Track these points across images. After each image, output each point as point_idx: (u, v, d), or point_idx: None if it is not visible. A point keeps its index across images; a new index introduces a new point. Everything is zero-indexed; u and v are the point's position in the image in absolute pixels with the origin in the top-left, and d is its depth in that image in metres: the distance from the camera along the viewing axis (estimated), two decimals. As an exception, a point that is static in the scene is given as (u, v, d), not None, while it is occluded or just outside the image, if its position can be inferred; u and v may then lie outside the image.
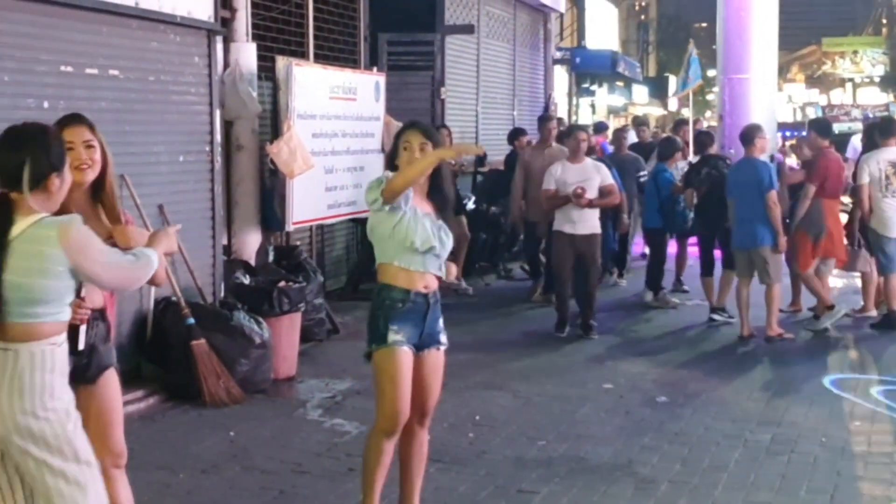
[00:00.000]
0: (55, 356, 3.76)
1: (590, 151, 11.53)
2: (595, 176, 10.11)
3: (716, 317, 10.90)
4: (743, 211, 10.06)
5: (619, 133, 15.36)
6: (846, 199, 11.49)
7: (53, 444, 3.74)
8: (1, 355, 3.71)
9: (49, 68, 7.18)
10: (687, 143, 15.48)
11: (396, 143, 5.12)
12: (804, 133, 14.59)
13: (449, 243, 5.09)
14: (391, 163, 5.14)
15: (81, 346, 4.33)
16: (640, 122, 19.44)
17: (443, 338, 5.18)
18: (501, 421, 7.48)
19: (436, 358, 5.16)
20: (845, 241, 10.87)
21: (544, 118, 13.21)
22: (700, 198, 11.18)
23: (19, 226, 3.70)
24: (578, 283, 10.25)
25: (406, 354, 4.98)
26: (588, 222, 10.05)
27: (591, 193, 9.99)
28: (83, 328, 4.34)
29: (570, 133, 10.73)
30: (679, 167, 12.49)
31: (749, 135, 10.28)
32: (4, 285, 3.67)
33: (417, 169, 4.89)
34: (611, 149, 15.29)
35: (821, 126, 11.38)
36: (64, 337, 3.83)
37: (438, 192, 5.13)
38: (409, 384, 5.00)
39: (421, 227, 4.96)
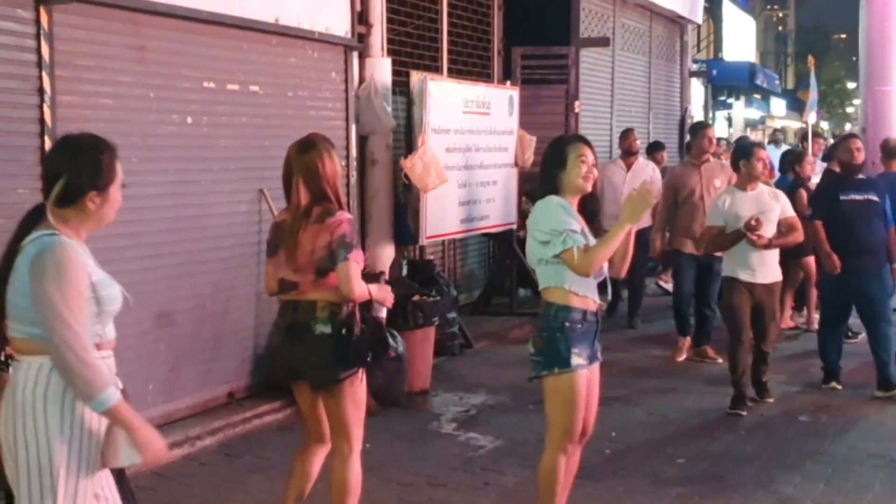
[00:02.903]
0: (52, 373, 3.45)
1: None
2: (774, 206, 8.00)
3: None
4: None
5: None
6: None
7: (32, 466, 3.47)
8: (14, 366, 3.55)
9: (192, 84, 7.36)
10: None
11: (563, 155, 5.03)
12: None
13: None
14: (552, 178, 5.05)
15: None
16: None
17: (600, 352, 5.22)
18: (638, 437, 7.38)
19: (596, 373, 5.20)
20: None
21: (700, 126, 10.76)
22: None
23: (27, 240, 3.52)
24: (756, 332, 8.13)
25: (585, 378, 5.01)
26: (769, 266, 7.97)
27: (770, 230, 7.91)
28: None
29: (746, 152, 8.32)
30: None
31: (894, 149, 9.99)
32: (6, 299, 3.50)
33: (612, 244, 4.88)
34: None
35: None
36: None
37: (591, 201, 5.12)
38: (583, 405, 5.06)
39: None
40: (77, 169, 3.50)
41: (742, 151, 8.43)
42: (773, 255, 8.01)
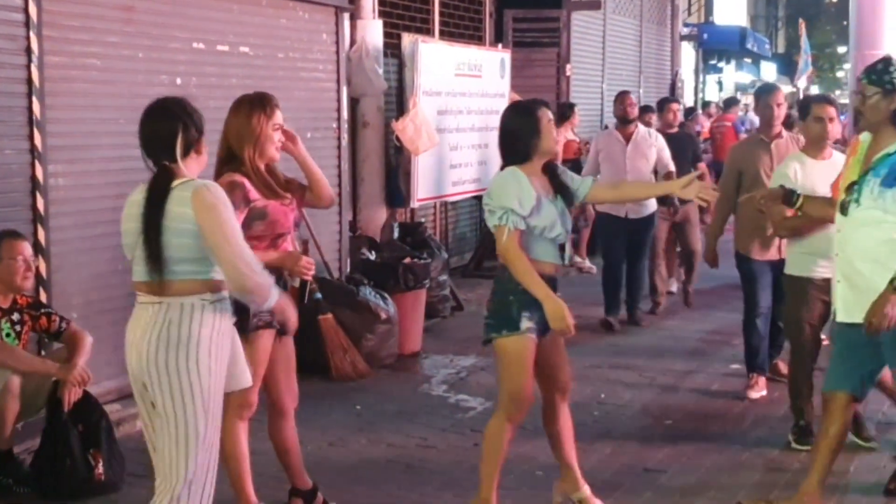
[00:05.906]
0: (205, 311, 3.90)
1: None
2: None
3: None
4: None
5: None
6: None
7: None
8: (155, 308, 3.90)
9: (182, 45, 7.31)
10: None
11: (537, 121, 4.89)
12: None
13: (569, 225, 5.01)
14: (527, 146, 4.90)
15: (306, 300, 4.83)
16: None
17: None
18: (627, 400, 7.41)
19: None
20: None
21: (766, 89, 7.92)
22: None
23: (174, 186, 3.92)
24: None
25: (534, 343, 4.89)
26: None
27: None
28: (309, 283, 4.78)
29: (807, 109, 6.47)
30: None
31: None
32: (163, 245, 3.86)
33: (529, 284, 4.78)
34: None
35: None
36: (217, 296, 3.96)
37: (554, 174, 5.03)
38: (532, 370, 4.95)
39: (549, 216, 4.86)
40: (187, 121, 3.99)
41: (800, 111, 6.91)
42: None
